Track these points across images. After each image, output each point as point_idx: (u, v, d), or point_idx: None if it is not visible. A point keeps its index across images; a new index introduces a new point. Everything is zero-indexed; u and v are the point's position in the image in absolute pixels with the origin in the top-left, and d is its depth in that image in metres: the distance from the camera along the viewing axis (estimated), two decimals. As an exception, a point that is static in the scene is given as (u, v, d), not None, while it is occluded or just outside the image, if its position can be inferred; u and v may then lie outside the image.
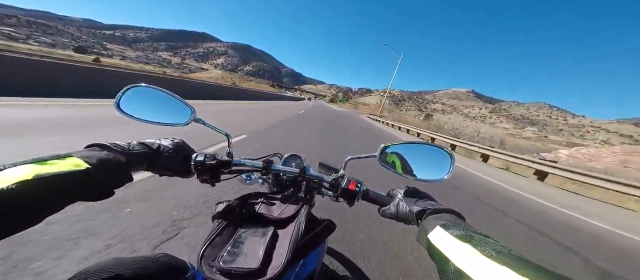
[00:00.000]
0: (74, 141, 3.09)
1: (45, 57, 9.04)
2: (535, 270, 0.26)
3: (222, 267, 0.41)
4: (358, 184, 0.61)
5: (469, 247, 0.33)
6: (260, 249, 0.45)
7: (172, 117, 0.57)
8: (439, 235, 0.38)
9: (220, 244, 0.47)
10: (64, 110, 4.81)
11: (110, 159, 0.42)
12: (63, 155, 0.37)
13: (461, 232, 0.36)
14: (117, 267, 0.41)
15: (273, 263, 0.44)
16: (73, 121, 4.09)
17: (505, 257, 0.29)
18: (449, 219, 0.42)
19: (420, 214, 0.48)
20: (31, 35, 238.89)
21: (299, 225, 0.50)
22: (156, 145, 0.54)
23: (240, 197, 0.58)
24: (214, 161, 0.59)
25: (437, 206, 0.49)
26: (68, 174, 0.34)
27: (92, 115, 4.76)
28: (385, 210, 0.58)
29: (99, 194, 0.40)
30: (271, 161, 0.67)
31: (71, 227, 1.52)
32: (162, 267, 0.47)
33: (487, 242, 0.33)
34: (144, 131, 1.41)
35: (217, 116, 7.88)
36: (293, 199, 0.64)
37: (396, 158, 0.63)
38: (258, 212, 0.56)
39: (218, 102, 14.11)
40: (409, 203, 0.53)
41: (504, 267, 0.27)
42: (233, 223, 0.52)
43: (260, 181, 0.78)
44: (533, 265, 0.27)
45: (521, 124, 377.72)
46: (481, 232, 0.37)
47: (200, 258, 0.43)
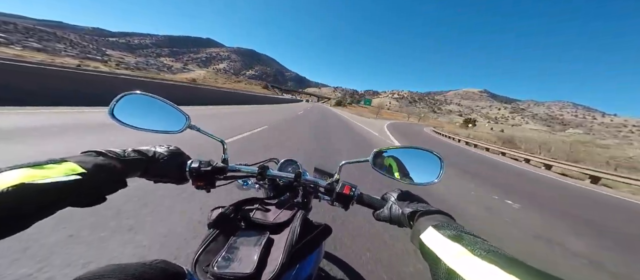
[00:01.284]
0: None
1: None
2: (524, 269, 0.26)
3: (216, 273, 0.42)
4: (352, 188, 0.62)
5: (460, 247, 0.33)
6: (254, 254, 0.46)
7: (166, 124, 0.58)
8: (431, 236, 0.39)
9: (215, 250, 0.47)
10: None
11: (105, 165, 0.42)
12: (59, 160, 0.37)
13: (452, 232, 0.37)
14: (112, 274, 0.41)
15: (268, 268, 0.44)
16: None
17: (495, 256, 0.30)
18: (440, 220, 0.43)
19: (412, 216, 0.49)
20: (20, 41, 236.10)
21: (294, 230, 0.50)
22: (151, 153, 0.54)
23: (235, 203, 0.59)
24: (208, 167, 0.59)
25: (429, 207, 0.50)
26: (63, 178, 0.34)
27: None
28: (379, 214, 0.58)
29: (91, 200, 0.40)
30: (267, 167, 0.68)
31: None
32: (159, 274, 0.47)
33: (477, 241, 0.34)
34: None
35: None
36: (289, 204, 0.64)
37: (390, 162, 0.64)
38: (253, 217, 0.56)
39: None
40: (401, 206, 0.54)
41: (493, 266, 0.28)
42: (228, 229, 0.52)
43: (256, 186, 0.78)
44: (522, 264, 0.28)
45: (551, 124, 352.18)
46: (472, 232, 0.38)
47: (194, 264, 0.44)
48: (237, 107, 16.16)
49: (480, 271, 0.28)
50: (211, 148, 3.97)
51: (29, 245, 1.42)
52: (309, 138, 7.72)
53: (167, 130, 0.58)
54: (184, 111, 0.58)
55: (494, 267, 0.28)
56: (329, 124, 15.24)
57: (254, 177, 0.68)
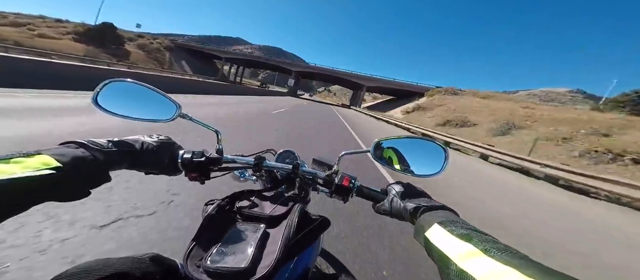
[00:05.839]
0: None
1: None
2: (542, 271, 0.25)
3: (209, 267, 0.40)
4: (352, 180, 0.60)
5: (470, 246, 0.32)
6: (249, 248, 0.44)
7: (155, 113, 0.56)
8: (438, 234, 0.38)
9: (209, 244, 0.46)
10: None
11: (85, 158, 0.40)
12: (31, 153, 0.35)
13: (460, 231, 0.36)
14: (102, 268, 0.39)
15: (263, 263, 0.42)
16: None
17: (510, 256, 0.29)
18: (445, 216, 0.42)
19: (415, 211, 0.47)
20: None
21: (291, 223, 0.49)
22: (139, 143, 0.52)
23: (230, 195, 0.58)
24: (202, 158, 0.57)
25: (432, 203, 0.49)
26: (36, 173, 0.32)
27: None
28: (379, 207, 0.57)
29: (72, 194, 0.38)
30: (263, 158, 0.66)
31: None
32: (151, 268, 0.45)
33: (488, 240, 0.33)
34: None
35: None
36: (286, 196, 0.63)
37: (391, 153, 0.62)
38: (249, 210, 0.55)
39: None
40: (403, 199, 0.52)
41: (509, 267, 0.26)
42: (223, 222, 0.51)
43: (254, 178, 0.77)
44: (539, 265, 0.26)
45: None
46: (479, 229, 0.37)
47: (186, 258, 0.42)
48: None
49: (495, 273, 0.27)
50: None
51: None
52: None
53: (156, 118, 0.56)
54: (175, 99, 0.56)
55: (510, 269, 0.26)
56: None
57: (250, 169, 0.67)
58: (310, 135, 7.34)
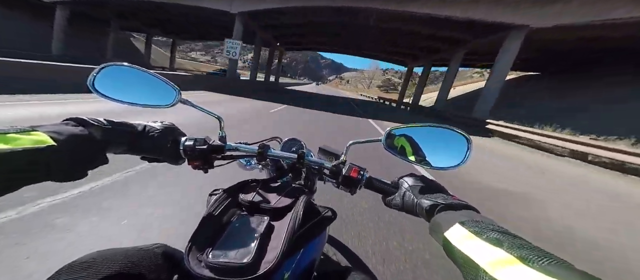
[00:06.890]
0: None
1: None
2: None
3: (211, 262, 0.39)
4: (360, 171, 0.56)
5: (502, 252, 0.28)
6: (253, 242, 0.43)
7: (154, 98, 0.54)
8: (460, 235, 0.34)
9: (211, 237, 0.45)
10: None
11: (83, 136, 0.39)
12: (26, 129, 0.34)
13: (488, 233, 0.32)
14: (107, 259, 0.39)
15: (267, 257, 0.41)
16: None
17: (554, 267, 0.24)
18: (467, 215, 0.38)
19: (431, 209, 0.43)
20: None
21: (296, 216, 0.47)
22: (141, 126, 0.51)
23: (234, 186, 0.57)
24: (204, 146, 0.56)
25: (450, 199, 0.43)
26: (27, 151, 0.31)
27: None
28: (390, 201, 0.53)
29: (68, 175, 0.37)
30: (268, 146, 0.63)
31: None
32: (158, 259, 0.45)
33: (523, 245, 0.29)
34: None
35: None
36: (292, 186, 0.61)
37: (405, 142, 0.56)
38: (253, 201, 0.53)
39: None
40: (416, 194, 0.47)
41: (553, 279, 0.23)
42: (225, 214, 0.50)
43: (260, 167, 0.75)
44: (588, 276, 0.23)
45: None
46: (507, 230, 0.33)
47: (188, 252, 0.41)
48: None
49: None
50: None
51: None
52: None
53: (155, 104, 0.54)
54: (174, 85, 0.54)
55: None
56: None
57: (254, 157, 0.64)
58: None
